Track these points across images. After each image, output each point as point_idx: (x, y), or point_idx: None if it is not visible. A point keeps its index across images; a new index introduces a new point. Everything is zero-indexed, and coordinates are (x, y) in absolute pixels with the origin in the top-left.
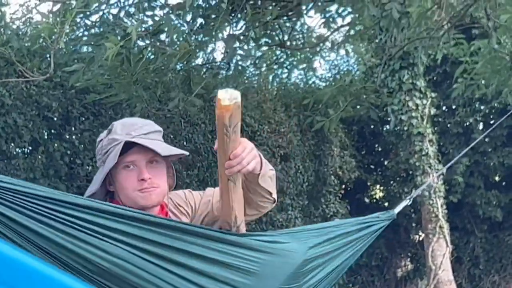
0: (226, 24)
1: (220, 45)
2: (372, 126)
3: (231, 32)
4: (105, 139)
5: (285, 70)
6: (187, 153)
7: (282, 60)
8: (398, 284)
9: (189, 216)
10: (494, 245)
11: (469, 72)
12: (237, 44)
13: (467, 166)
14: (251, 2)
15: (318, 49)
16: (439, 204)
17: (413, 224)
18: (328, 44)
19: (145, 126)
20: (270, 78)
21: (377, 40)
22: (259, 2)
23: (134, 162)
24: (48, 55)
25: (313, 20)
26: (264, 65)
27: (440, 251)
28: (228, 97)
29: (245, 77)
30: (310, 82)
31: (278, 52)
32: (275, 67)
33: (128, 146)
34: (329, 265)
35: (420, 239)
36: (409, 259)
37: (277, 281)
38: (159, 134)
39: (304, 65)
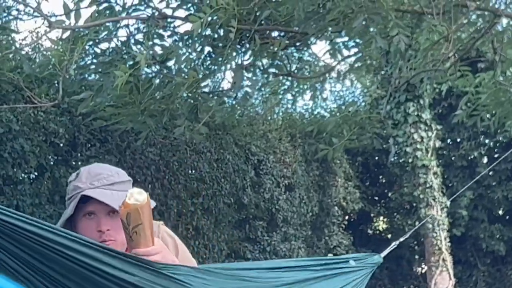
0: (234, 54)
1: (227, 73)
2: (376, 158)
3: (239, 62)
4: (72, 183)
5: (290, 98)
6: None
7: (287, 87)
8: None
9: None
10: (497, 279)
11: (473, 103)
12: (245, 73)
13: (471, 200)
14: (259, 32)
15: (323, 78)
16: (442, 237)
17: (416, 256)
18: (334, 74)
19: (111, 177)
20: (276, 109)
21: (383, 72)
22: (267, 32)
23: (94, 212)
24: (56, 82)
25: (319, 50)
26: (268, 92)
27: (443, 284)
28: (135, 196)
29: (249, 106)
30: (315, 112)
31: (283, 80)
32: (281, 94)
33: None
34: None
35: (423, 271)
36: None
37: None
38: (127, 184)
39: (310, 94)
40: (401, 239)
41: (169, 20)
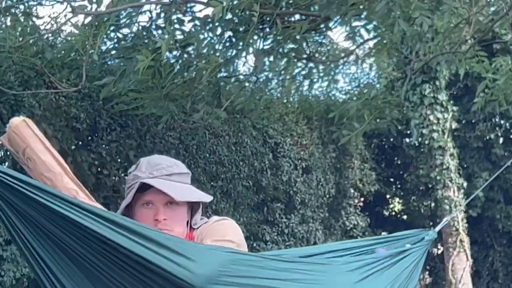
0: (256, 37)
1: (248, 58)
2: (391, 140)
3: (260, 46)
4: (132, 173)
5: (307, 82)
6: (209, 199)
7: (306, 72)
8: None
9: None
10: None
11: (490, 88)
12: (266, 58)
13: (487, 181)
14: (280, 16)
15: (342, 62)
16: (459, 218)
17: None
18: (352, 57)
19: (170, 168)
20: (293, 90)
21: (397, 54)
22: (288, 16)
23: (152, 201)
24: (77, 67)
25: (337, 34)
26: (288, 76)
27: (461, 265)
28: (10, 124)
29: (267, 89)
30: (331, 94)
31: (300, 64)
32: (300, 79)
33: (150, 185)
34: None
35: (439, 252)
36: (427, 272)
37: None
38: (185, 176)
39: (329, 78)
40: (453, 214)
41: (189, 4)
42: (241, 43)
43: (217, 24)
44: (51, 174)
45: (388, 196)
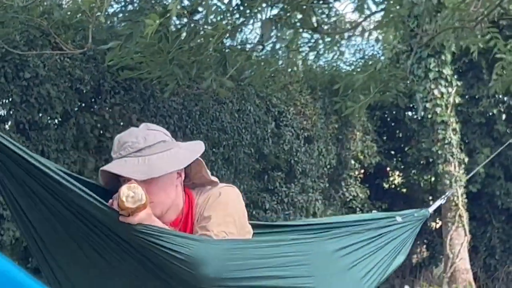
0: (264, 5)
1: (255, 27)
2: (394, 112)
3: (267, 15)
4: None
5: (313, 53)
6: (181, 165)
7: (312, 43)
8: (412, 271)
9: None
10: (511, 236)
11: (504, 68)
12: (273, 27)
13: (488, 157)
14: None
15: (349, 34)
16: (459, 193)
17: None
18: (359, 30)
19: (136, 144)
20: (299, 62)
21: (403, 28)
22: None
23: (128, 179)
24: (82, 28)
25: (344, 5)
26: (297, 48)
27: (458, 240)
28: (132, 195)
29: (277, 60)
30: (335, 65)
31: (306, 35)
32: (307, 50)
33: None
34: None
35: (437, 226)
36: (425, 246)
37: None
38: (159, 146)
39: (334, 50)
40: (448, 194)
41: None
42: (248, 11)
43: None
44: None
45: (388, 169)
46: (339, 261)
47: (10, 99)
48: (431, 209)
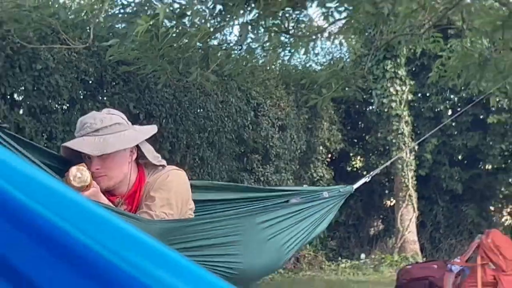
0: (242, 11)
1: (234, 29)
2: (357, 106)
3: (245, 19)
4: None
5: (287, 53)
6: (128, 145)
7: (285, 45)
8: (370, 241)
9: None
10: (453, 214)
11: (444, 65)
12: (250, 29)
13: (435, 145)
14: None
15: (316, 37)
16: (409, 176)
17: (386, 191)
18: (325, 34)
19: (94, 125)
20: (274, 60)
21: (366, 34)
22: None
23: (88, 155)
24: (88, 28)
25: (313, 12)
26: (269, 47)
27: (408, 216)
28: (79, 176)
29: (252, 58)
30: (307, 65)
31: (282, 38)
32: (279, 50)
33: None
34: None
35: (391, 204)
36: (380, 221)
37: None
38: (115, 127)
39: (303, 50)
40: (372, 174)
41: None
42: (228, 15)
43: None
44: None
45: (351, 154)
46: (263, 232)
47: (24, 87)
48: (355, 186)
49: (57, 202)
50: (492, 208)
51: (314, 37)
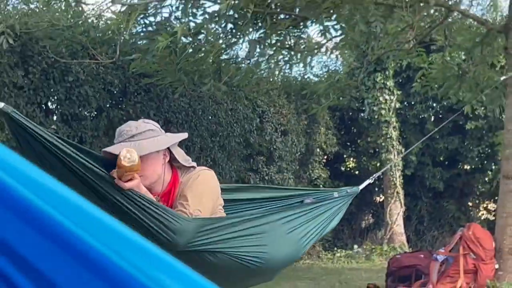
0: (251, 29)
1: (243, 45)
2: (350, 113)
3: (253, 36)
4: None
5: (287, 67)
6: (157, 147)
7: (287, 58)
8: (362, 233)
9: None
10: (436, 209)
11: (426, 76)
12: (257, 46)
13: (420, 148)
14: (270, 14)
15: (315, 52)
16: (397, 175)
17: (376, 189)
18: (323, 49)
19: (129, 131)
20: (277, 72)
21: (359, 49)
22: (276, 15)
23: None
24: (114, 44)
25: (313, 31)
26: (273, 61)
27: (396, 210)
28: (128, 157)
29: (258, 70)
30: (306, 77)
31: (284, 52)
32: (282, 63)
33: None
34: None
35: (381, 200)
36: (371, 215)
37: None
38: (148, 133)
39: (302, 64)
40: (375, 176)
41: (201, 1)
42: (239, 33)
43: (222, 17)
44: None
45: (345, 156)
46: (283, 226)
47: (57, 97)
48: (361, 187)
49: (62, 203)
50: (470, 204)
51: (313, 52)
